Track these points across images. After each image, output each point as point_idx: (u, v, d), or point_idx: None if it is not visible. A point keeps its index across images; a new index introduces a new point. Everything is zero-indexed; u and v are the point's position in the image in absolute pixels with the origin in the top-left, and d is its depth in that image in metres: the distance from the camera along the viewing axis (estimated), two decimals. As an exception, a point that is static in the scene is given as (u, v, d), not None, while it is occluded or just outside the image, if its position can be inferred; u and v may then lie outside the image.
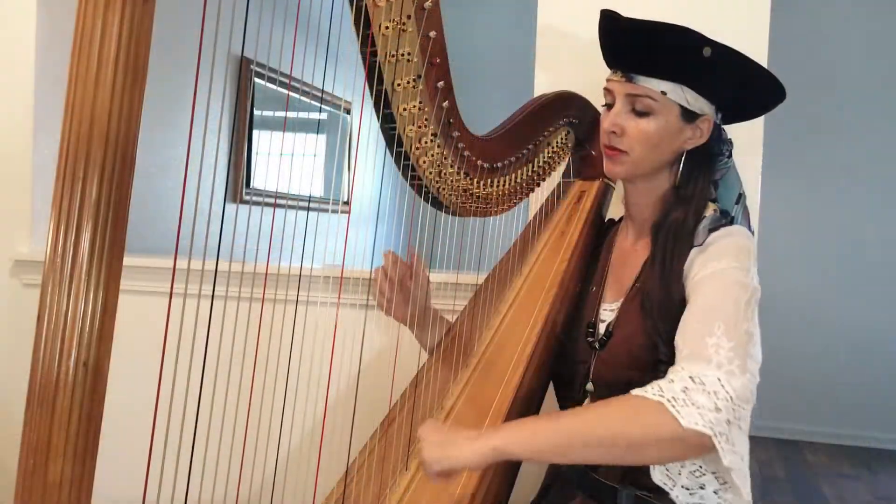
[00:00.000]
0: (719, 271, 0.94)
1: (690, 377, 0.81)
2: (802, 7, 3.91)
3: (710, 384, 0.80)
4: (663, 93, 1.00)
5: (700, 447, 0.80)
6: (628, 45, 1.02)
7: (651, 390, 0.82)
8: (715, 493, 0.88)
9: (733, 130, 1.12)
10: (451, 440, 0.86)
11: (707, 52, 0.98)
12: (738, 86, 1.03)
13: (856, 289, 3.98)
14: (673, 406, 0.79)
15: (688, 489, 0.89)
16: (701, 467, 0.88)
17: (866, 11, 3.95)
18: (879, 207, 3.98)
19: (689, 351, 0.86)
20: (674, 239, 1.02)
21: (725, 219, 1.03)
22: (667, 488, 0.88)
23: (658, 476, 0.89)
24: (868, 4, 3.95)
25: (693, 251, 0.99)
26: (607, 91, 1.06)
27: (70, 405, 0.66)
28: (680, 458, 0.85)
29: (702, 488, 0.88)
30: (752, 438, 1.62)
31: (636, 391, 0.83)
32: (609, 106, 1.06)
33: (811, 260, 4.05)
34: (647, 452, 0.82)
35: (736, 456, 0.79)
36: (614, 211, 1.35)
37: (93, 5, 0.65)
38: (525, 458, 0.85)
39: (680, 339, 0.90)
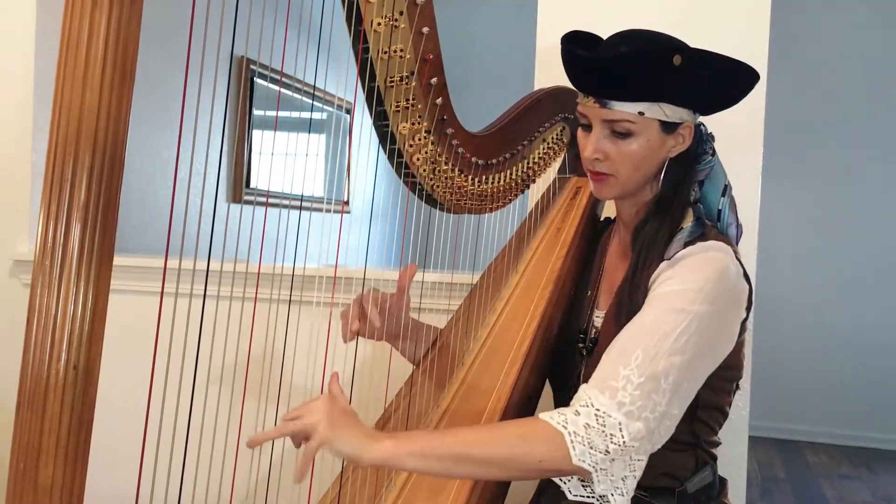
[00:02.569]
0: (669, 293, 0.93)
1: (595, 415, 0.86)
2: (802, 7, 3.89)
3: (609, 426, 0.85)
4: (640, 113, 0.97)
5: (579, 475, 0.88)
6: (595, 75, 0.99)
7: (557, 418, 0.86)
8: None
9: (733, 130, 1.11)
10: (347, 426, 0.84)
11: (677, 60, 0.95)
12: (713, 84, 1.01)
13: (856, 289, 3.97)
14: (571, 441, 0.85)
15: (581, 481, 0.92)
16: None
17: (867, 11, 3.93)
18: (879, 208, 3.96)
19: (601, 374, 0.90)
20: (647, 249, 1.01)
21: (703, 228, 1.01)
22: (560, 482, 0.91)
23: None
24: (868, 4, 3.94)
25: (663, 264, 0.98)
26: (581, 114, 1.03)
27: (60, 408, 0.66)
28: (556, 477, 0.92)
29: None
30: (751, 438, 1.62)
31: (544, 415, 0.88)
32: (585, 127, 1.03)
33: (811, 260, 4.04)
34: (531, 475, 0.90)
35: (611, 484, 0.87)
36: (610, 208, 1.34)
37: (80, 5, 0.64)
38: (411, 468, 0.88)
39: (606, 353, 0.92)
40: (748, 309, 1.00)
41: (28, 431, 0.65)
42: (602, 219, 1.33)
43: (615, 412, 0.85)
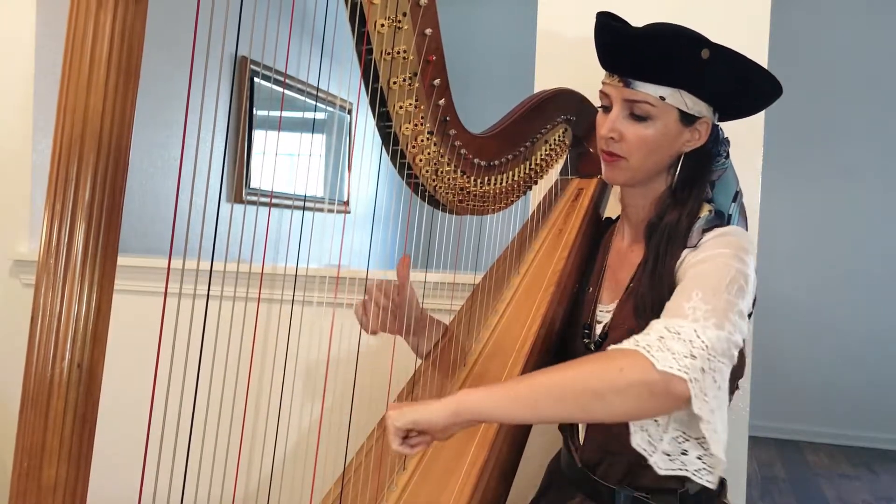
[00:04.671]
0: (708, 257, 0.94)
1: (666, 327, 0.82)
2: (803, 6, 3.90)
3: (685, 333, 0.81)
4: (662, 98, 0.98)
5: (673, 394, 0.78)
6: (625, 50, 1.00)
7: (626, 343, 0.82)
8: (698, 458, 0.86)
9: (733, 130, 1.11)
10: (415, 404, 0.86)
11: (705, 54, 0.96)
12: (736, 86, 1.02)
13: (856, 289, 3.97)
14: (648, 351, 0.79)
15: (668, 455, 0.86)
16: (684, 433, 0.86)
17: (867, 11, 3.94)
18: (880, 207, 3.97)
19: (667, 312, 0.87)
20: (667, 240, 1.01)
21: (720, 220, 1.03)
22: (646, 454, 0.85)
23: (638, 440, 0.86)
24: (868, 4, 3.94)
25: (686, 251, 0.99)
26: (603, 94, 1.04)
27: (64, 407, 0.66)
28: (652, 410, 0.82)
29: (684, 454, 0.85)
30: (752, 438, 1.62)
31: (613, 346, 0.84)
32: (605, 108, 1.04)
33: (811, 260, 4.04)
34: (619, 400, 0.79)
35: (707, 407, 0.79)
36: (611, 209, 1.34)
37: (85, 6, 0.64)
38: (494, 414, 0.83)
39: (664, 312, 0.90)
40: (753, 304, 1.01)
41: (31, 431, 0.65)
42: (603, 219, 1.34)
43: (688, 323, 0.82)
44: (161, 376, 0.76)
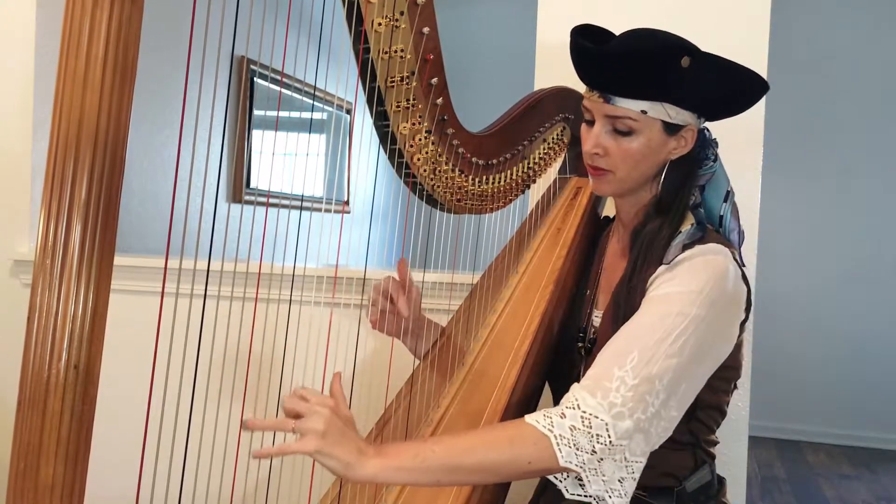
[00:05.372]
0: (667, 295, 0.93)
1: (582, 417, 0.86)
2: (803, 6, 3.89)
3: (595, 427, 0.85)
4: (643, 112, 0.97)
5: (571, 473, 0.88)
6: (601, 68, 0.98)
7: (543, 422, 0.86)
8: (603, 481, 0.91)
9: (733, 131, 1.11)
10: (339, 444, 0.81)
11: (685, 62, 0.95)
12: (720, 89, 1.00)
13: (856, 289, 3.97)
14: (557, 444, 0.85)
15: (580, 480, 0.90)
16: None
17: (867, 11, 3.94)
18: (879, 208, 3.97)
19: (595, 373, 0.89)
20: (646, 250, 1.01)
21: (703, 231, 1.01)
22: (556, 480, 0.90)
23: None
24: (868, 4, 3.94)
25: (661, 267, 0.98)
26: (585, 109, 1.03)
27: (61, 407, 0.66)
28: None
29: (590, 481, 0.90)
30: (752, 438, 1.62)
31: (529, 418, 0.87)
32: (588, 122, 1.04)
33: (811, 260, 4.04)
34: (522, 476, 0.90)
35: (603, 483, 0.86)
36: (610, 207, 1.34)
37: (81, 5, 0.64)
38: (405, 483, 0.89)
39: (601, 353, 0.92)
40: (747, 310, 1.00)
41: (29, 430, 0.65)
42: (602, 218, 1.34)
43: (603, 413, 0.85)
44: (159, 376, 0.75)
